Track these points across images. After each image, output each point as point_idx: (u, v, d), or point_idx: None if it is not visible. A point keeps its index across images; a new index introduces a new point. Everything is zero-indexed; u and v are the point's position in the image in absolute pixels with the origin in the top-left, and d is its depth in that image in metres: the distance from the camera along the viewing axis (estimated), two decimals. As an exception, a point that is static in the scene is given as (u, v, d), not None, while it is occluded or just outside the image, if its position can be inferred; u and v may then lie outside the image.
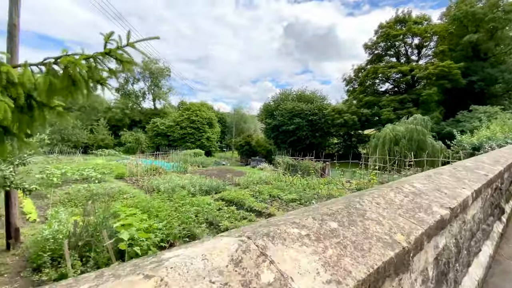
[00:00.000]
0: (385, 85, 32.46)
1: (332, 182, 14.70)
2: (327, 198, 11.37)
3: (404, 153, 21.37)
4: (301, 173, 20.25)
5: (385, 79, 30.50)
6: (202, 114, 43.22)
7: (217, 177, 18.95)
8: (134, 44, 1.75)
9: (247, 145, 29.21)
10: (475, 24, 26.35)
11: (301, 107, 30.35)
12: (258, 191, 12.02)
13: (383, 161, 22.48)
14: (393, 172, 13.81)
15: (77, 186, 13.72)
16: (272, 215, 8.52)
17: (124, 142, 48.32)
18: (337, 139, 39.68)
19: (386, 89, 33.25)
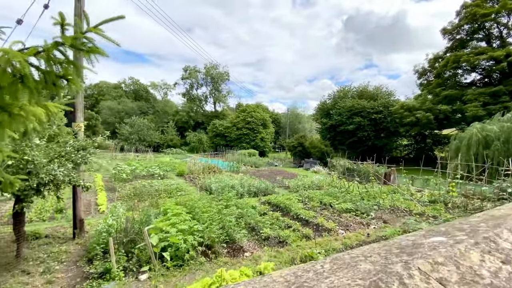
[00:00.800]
0: (471, 75, 26.88)
1: (398, 191, 12.66)
2: (390, 210, 9.76)
3: (498, 159, 17.12)
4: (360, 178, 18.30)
5: (470, 69, 25.18)
6: (257, 115, 43.85)
7: (268, 178, 18.69)
8: (98, 27, 1.42)
9: (300, 146, 28.10)
10: None
11: (362, 104, 27.63)
12: (308, 196, 11.16)
13: (467, 168, 18.52)
14: (482, 183, 11.07)
15: (142, 181, 15.25)
16: (321, 226, 7.64)
17: (189, 142, 52.89)
18: (407, 140, 34.92)
19: (472, 80, 27.53)
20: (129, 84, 74.27)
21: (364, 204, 9.24)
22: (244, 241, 6.27)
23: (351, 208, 9.41)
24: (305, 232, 6.96)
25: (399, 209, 9.62)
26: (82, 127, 6.62)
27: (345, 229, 7.60)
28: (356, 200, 9.84)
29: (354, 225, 8.05)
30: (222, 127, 44.92)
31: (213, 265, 5.47)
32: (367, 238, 6.91)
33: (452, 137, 20.45)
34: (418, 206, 9.74)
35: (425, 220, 8.41)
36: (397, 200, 11.05)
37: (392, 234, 6.82)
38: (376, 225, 8.08)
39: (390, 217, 8.99)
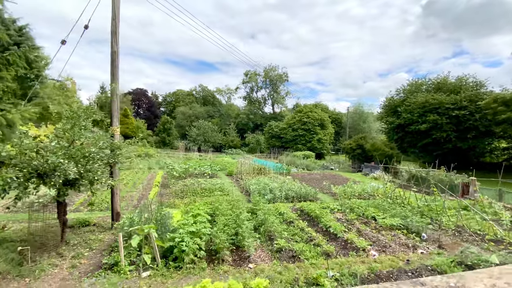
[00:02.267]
0: None
1: (474, 208, 9.91)
2: (455, 232, 7.70)
3: None
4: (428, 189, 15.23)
5: None
6: (314, 115, 41.96)
7: (316, 183, 17.54)
8: None
9: (359, 149, 25.35)
10: None
11: (439, 99, 23.08)
12: (350, 206, 9.84)
13: None
14: None
15: (191, 180, 16.38)
16: (349, 243, 6.55)
17: (247, 143, 54.87)
18: (506, 143, 27.62)
19: None
20: (198, 91, 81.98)
21: (416, 221, 7.50)
22: (252, 250, 5.86)
23: (399, 225, 7.80)
24: (326, 248, 6.06)
25: (465, 231, 7.46)
26: (118, 131, 7.42)
27: (381, 250, 6.30)
28: (407, 215, 8.09)
29: (396, 246, 6.61)
30: (278, 128, 44.73)
31: (212, 271, 5.28)
32: (405, 265, 5.54)
33: None
34: (497, 229, 7.34)
35: (503, 249, 6.25)
36: (470, 219, 8.65)
37: (441, 265, 5.26)
38: (427, 249, 6.44)
39: (451, 241, 7.05)
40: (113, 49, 7.29)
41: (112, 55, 7.32)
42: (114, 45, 7.27)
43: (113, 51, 7.29)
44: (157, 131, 52.88)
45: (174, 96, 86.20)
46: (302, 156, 36.86)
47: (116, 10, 7.31)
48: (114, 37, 7.24)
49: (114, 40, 7.26)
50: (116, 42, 7.27)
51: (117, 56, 7.34)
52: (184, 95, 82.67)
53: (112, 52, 7.30)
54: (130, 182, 15.84)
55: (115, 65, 7.30)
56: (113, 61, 7.30)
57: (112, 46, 7.28)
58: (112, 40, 7.25)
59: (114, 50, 7.28)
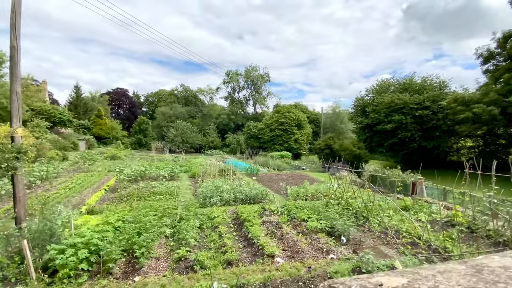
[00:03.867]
0: None
1: (414, 208, 9.90)
2: (381, 233, 7.57)
3: None
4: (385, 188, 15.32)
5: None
6: (291, 116, 41.92)
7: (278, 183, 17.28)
8: None
9: (328, 149, 25.42)
10: None
11: (404, 99, 23.45)
12: (288, 208, 9.59)
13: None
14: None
15: (146, 183, 15.75)
16: (260, 248, 6.25)
17: (228, 144, 54.32)
18: (471, 142, 28.47)
19: None
20: (180, 91, 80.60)
21: (340, 224, 7.30)
22: (144, 261, 5.44)
23: (325, 228, 7.59)
24: (229, 256, 5.72)
25: (391, 234, 7.33)
26: (18, 133, 6.81)
27: (291, 256, 6.03)
28: (336, 217, 7.89)
29: (311, 251, 6.36)
30: (256, 128, 44.46)
31: (89, 287, 4.82)
32: (306, 273, 5.28)
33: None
34: (420, 231, 7.24)
35: (418, 252, 6.12)
36: (406, 220, 8.57)
37: (341, 272, 5.03)
38: (340, 253, 6.23)
39: (374, 244, 6.90)
40: (12, 44, 6.68)
41: (11, 51, 6.71)
42: (13, 40, 6.66)
43: (12, 46, 6.68)
44: (133, 131, 51.45)
45: (156, 96, 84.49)
46: (279, 157, 36.71)
47: (16, 1, 6.72)
48: (14, 31, 6.63)
49: (14, 35, 6.65)
50: (15, 36, 6.67)
51: (17, 52, 6.73)
52: (166, 95, 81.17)
53: (11, 47, 6.70)
54: (78, 186, 15.03)
55: (15, 62, 6.70)
56: (12, 57, 6.69)
57: (11, 40, 6.67)
58: (11, 35, 6.65)
59: (13, 45, 6.68)
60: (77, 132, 42.88)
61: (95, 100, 61.90)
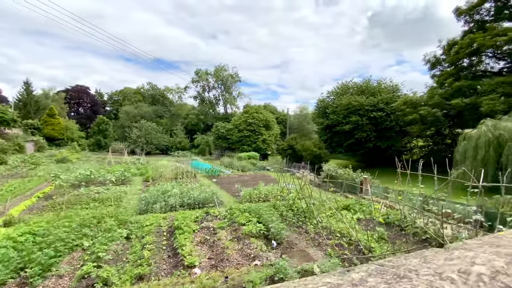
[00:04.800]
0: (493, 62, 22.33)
1: (355, 207, 10.16)
2: (316, 235, 7.55)
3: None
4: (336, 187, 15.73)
5: (490, 54, 20.82)
6: (259, 116, 42.01)
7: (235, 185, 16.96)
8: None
9: (290, 149, 25.75)
10: None
11: (360, 101, 24.49)
12: (232, 212, 9.30)
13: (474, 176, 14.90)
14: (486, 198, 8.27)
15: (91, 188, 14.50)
16: (181, 259, 5.83)
17: (197, 145, 52.92)
18: (422, 141, 30.60)
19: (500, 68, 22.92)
20: (147, 89, 77.12)
21: (274, 227, 7.15)
22: (40, 282, 4.76)
23: (261, 231, 7.39)
24: (140, 271, 5.23)
25: (323, 235, 7.34)
26: None
27: (214, 265, 5.71)
28: (273, 220, 7.75)
29: (238, 258, 6.10)
30: (224, 129, 43.85)
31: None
32: (222, 283, 4.98)
33: (461, 137, 16.83)
34: (351, 231, 7.36)
35: (342, 256, 6.13)
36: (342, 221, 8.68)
37: (255, 281, 4.80)
38: (266, 259, 6.04)
39: (305, 246, 6.83)
40: None
41: None
42: None
43: None
44: (91, 132, 47.99)
45: (121, 94, 79.82)
46: (247, 157, 36.53)
47: None
48: None
49: None
50: None
51: None
52: (132, 94, 77.15)
53: None
54: (8, 193, 13.37)
55: None
56: None
57: None
58: None
59: None
60: (25, 132, 38.90)
61: (49, 98, 56.77)
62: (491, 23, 21.41)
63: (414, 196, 9.70)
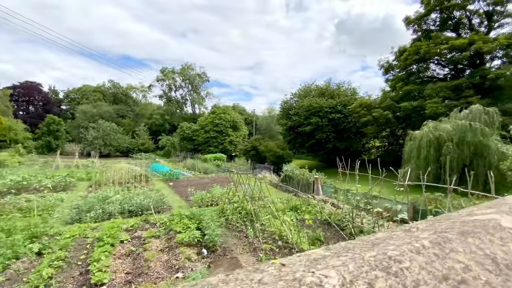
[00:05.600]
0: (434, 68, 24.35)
1: (302, 207, 10.14)
2: (253, 240, 7.25)
3: (450, 164, 14.54)
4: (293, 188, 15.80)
5: (436, 61, 22.63)
6: (226, 117, 41.40)
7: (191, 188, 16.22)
8: None
9: (254, 150, 25.60)
10: None
11: (320, 103, 25.13)
12: (171, 219, 8.68)
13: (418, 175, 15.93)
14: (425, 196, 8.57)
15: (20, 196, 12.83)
16: (89, 275, 5.14)
17: (162, 146, 50.61)
18: (379, 142, 32.35)
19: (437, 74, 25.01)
20: (108, 88, 72.32)
21: (209, 233, 6.73)
22: None
23: (196, 239, 6.91)
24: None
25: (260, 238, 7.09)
26: None
27: (128, 282, 5.11)
28: (209, 226, 7.32)
29: (161, 270, 5.55)
30: (190, 130, 42.49)
31: None
32: (129, 302, 4.42)
33: (407, 138, 17.89)
34: (288, 233, 7.21)
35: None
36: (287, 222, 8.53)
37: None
38: (190, 270, 5.58)
39: (241, 252, 6.49)
40: None
41: None
42: None
43: None
44: (40, 133, 43.57)
45: (79, 92, 73.75)
46: (213, 159, 35.68)
47: None
48: None
49: None
50: None
51: None
52: (91, 92, 71.71)
53: None
54: None
55: None
56: None
57: None
58: None
59: None
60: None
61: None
62: (436, 33, 23.23)
63: (352, 195, 9.94)
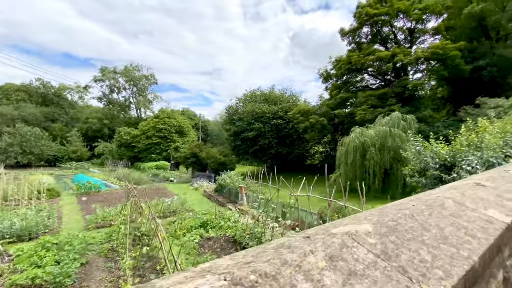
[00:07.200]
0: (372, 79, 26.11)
1: (214, 222, 9.02)
2: (131, 271, 5.81)
3: (374, 168, 15.11)
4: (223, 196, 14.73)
5: (364, 71, 24.18)
6: (171, 122, 38.80)
7: (107, 204, 13.90)
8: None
9: (194, 157, 23.99)
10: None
11: (262, 109, 24.79)
12: (41, 246, 6.74)
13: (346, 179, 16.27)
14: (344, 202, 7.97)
15: None
16: None
17: (100, 154, 45.23)
18: (322, 147, 33.43)
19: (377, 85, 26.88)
20: (36, 87, 62.90)
21: (56, 270, 5.13)
22: None
23: (39, 278, 5.20)
24: None
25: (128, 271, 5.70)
26: None
27: None
28: (60, 260, 5.69)
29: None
30: (129, 135, 38.70)
31: None
32: None
33: (339, 143, 18.31)
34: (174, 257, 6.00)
35: None
36: (190, 240, 7.27)
37: None
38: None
39: (86, 277, 5.02)
40: None
41: None
42: None
43: None
44: None
45: (1, 91, 62.56)
46: (154, 167, 32.77)
47: None
48: None
49: None
50: None
51: None
52: (14, 91, 61.46)
53: None
54: None
55: None
56: None
57: None
58: None
59: None
60: None
61: None
62: (367, 45, 24.85)
63: (261, 202, 9.22)
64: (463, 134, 6.42)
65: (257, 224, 8.47)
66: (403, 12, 21.59)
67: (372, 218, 0.87)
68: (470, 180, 1.94)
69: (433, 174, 6.25)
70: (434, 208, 1.08)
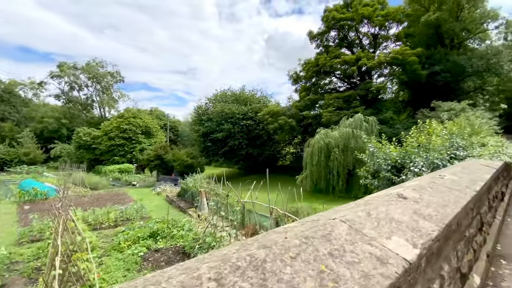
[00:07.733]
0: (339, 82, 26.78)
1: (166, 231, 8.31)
2: None
3: (337, 169, 15.31)
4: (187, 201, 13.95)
5: (332, 73, 24.73)
6: (137, 122, 36.65)
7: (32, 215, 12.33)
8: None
9: (159, 160, 22.73)
10: (437, 1, 21.12)
11: (232, 109, 24.25)
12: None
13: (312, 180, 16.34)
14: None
15: None
16: None
17: (57, 156, 41.38)
18: (293, 148, 33.67)
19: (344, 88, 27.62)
20: (-18, 83, 56.28)
21: None
22: None
23: None
24: None
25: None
26: None
27: None
28: None
29: None
30: (89, 136, 35.91)
31: None
32: None
33: (306, 144, 18.38)
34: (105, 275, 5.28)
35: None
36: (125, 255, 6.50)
37: None
38: None
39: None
40: None
41: None
42: None
43: None
44: None
45: None
46: (116, 170, 30.63)
47: None
48: None
49: None
50: None
51: None
52: (-46, 87, 54.58)
53: None
54: None
55: None
56: None
57: None
58: None
59: None
60: None
61: None
62: (334, 48, 25.42)
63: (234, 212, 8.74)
64: (413, 135, 6.49)
65: (212, 231, 7.91)
66: (366, 17, 22.37)
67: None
68: (396, 189, 1.68)
69: (385, 176, 6.20)
70: (314, 240, 0.79)
